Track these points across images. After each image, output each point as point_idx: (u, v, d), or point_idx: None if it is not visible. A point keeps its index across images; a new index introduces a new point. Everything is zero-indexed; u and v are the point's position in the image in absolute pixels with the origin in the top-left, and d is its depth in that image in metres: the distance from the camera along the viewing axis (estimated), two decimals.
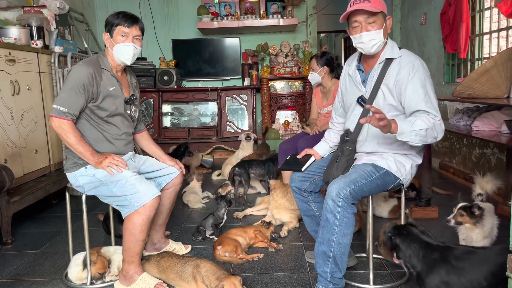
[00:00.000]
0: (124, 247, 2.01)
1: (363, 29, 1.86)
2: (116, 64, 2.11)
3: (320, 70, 3.24)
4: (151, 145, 2.42)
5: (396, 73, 1.87)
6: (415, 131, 1.69)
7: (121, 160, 2.01)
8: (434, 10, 4.46)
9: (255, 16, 5.26)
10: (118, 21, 2.04)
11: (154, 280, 2.04)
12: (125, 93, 2.17)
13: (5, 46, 2.91)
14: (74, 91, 1.94)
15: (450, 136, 4.17)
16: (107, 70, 2.08)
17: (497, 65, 2.69)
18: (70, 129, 1.95)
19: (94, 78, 2.00)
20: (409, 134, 1.69)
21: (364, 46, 1.89)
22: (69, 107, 1.94)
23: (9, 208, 2.66)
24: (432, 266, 1.53)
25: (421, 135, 1.71)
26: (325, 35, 10.87)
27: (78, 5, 5.08)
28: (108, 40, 2.09)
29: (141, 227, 1.95)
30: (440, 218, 2.95)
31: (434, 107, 1.82)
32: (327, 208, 1.80)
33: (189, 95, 5.34)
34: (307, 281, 2.11)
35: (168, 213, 2.43)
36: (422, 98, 1.81)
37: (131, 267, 2.03)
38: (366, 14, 1.84)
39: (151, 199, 1.93)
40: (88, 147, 1.98)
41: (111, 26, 2.06)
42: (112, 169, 1.96)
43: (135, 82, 2.31)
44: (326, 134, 2.27)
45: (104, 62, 2.09)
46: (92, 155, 1.97)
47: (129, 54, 2.07)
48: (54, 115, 1.94)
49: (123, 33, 2.05)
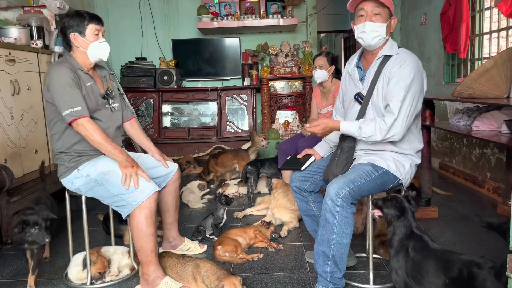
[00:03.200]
0: (137, 248, 1.98)
1: (367, 19, 1.88)
2: (88, 63, 2.10)
3: (330, 68, 3.24)
4: (140, 136, 2.41)
5: (390, 68, 1.89)
6: (359, 135, 1.88)
7: (145, 176, 1.96)
8: (434, 10, 4.46)
9: (255, 16, 5.25)
10: (88, 20, 2.04)
11: (177, 284, 1.98)
12: (101, 89, 2.16)
13: (5, 46, 2.92)
14: (71, 89, 1.94)
15: (450, 136, 4.17)
16: (80, 69, 2.07)
17: (497, 65, 2.69)
18: (93, 126, 1.94)
19: (75, 73, 2.00)
20: (354, 135, 1.91)
21: (365, 36, 1.90)
22: (80, 104, 1.93)
23: (9, 208, 2.66)
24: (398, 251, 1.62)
25: (364, 138, 1.89)
26: (325, 35, 10.87)
27: (78, 5, 5.08)
28: (77, 40, 2.05)
29: (146, 221, 1.92)
30: (440, 218, 2.95)
31: (399, 106, 1.82)
32: (326, 208, 1.80)
33: (189, 95, 5.33)
34: (307, 281, 2.11)
35: (175, 209, 2.42)
36: (395, 93, 1.83)
37: (151, 269, 1.98)
38: (374, 3, 1.86)
39: (148, 197, 1.92)
40: (116, 145, 1.99)
41: (81, 26, 2.04)
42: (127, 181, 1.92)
43: (106, 73, 2.28)
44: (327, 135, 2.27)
45: (73, 63, 2.06)
46: (121, 153, 1.97)
47: (106, 50, 2.09)
48: (73, 118, 1.92)
49: (96, 31, 2.06)
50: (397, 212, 1.65)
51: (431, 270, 1.49)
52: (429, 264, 1.50)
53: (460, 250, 2.42)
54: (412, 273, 1.54)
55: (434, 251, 1.54)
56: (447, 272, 1.44)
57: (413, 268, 1.54)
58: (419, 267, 1.53)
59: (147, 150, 2.39)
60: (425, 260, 1.52)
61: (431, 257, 1.52)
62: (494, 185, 3.41)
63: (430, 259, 1.51)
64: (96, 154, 2.08)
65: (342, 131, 1.91)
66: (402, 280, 1.58)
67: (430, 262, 1.50)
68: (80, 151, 2.05)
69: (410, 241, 1.60)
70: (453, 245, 2.50)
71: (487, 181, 3.51)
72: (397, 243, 1.63)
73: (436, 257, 1.51)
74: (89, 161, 2.05)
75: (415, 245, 1.57)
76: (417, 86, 1.85)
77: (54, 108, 2.00)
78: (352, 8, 1.97)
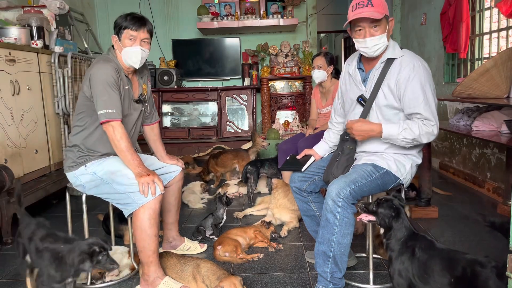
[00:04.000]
0: (138, 248, 1.98)
1: (367, 34, 1.86)
2: (126, 66, 2.09)
3: (329, 68, 3.24)
4: (156, 142, 2.40)
5: (397, 73, 1.88)
6: (401, 139, 1.83)
7: (160, 184, 1.94)
8: (434, 10, 4.46)
9: (255, 16, 5.25)
10: (126, 24, 2.00)
11: (177, 284, 1.98)
12: (135, 94, 2.15)
13: (5, 46, 2.91)
14: (111, 90, 1.93)
15: (450, 136, 4.17)
16: (122, 70, 2.06)
17: (497, 65, 2.69)
18: (123, 132, 1.93)
19: (118, 74, 1.99)
20: (395, 139, 1.84)
21: (368, 50, 1.89)
22: (116, 107, 1.93)
23: (9, 208, 2.66)
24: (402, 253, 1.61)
25: (407, 142, 1.85)
26: (325, 35, 10.87)
27: (78, 5, 5.08)
28: (116, 43, 2.06)
29: (149, 221, 1.92)
30: (440, 218, 2.95)
31: (432, 111, 1.84)
32: (327, 208, 1.80)
33: (189, 95, 5.33)
34: (307, 281, 2.11)
35: (176, 210, 2.42)
36: (421, 101, 1.83)
37: (151, 270, 1.98)
38: (370, 19, 1.83)
39: (154, 197, 1.91)
40: (136, 156, 1.96)
41: (119, 29, 2.02)
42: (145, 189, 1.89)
43: (146, 73, 2.27)
44: (326, 134, 2.27)
45: (117, 62, 2.06)
46: (139, 166, 1.94)
47: (137, 58, 2.03)
48: (106, 119, 1.91)
49: (130, 37, 2.01)
50: (393, 213, 1.63)
51: (437, 269, 1.50)
52: (435, 263, 1.51)
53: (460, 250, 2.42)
54: (419, 272, 1.54)
55: (440, 250, 1.55)
56: (452, 271, 1.46)
57: (420, 268, 1.54)
58: (425, 266, 1.53)
59: (158, 157, 2.36)
60: (432, 259, 1.53)
61: (437, 256, 1.53)
62: (494, 185, 3.41)
63: (436, 258, 1.52)
64: (106, 156, 2.09)
65: (384, 133, 1.85)
66: (406, 281, 1.57)
67: (436, 261, 1.51)
68: (93, 150, 2.06)
69: (415, 241, 1.60)
70: (453, 245, 2.49)
71: (487, 181, 3.51)
72: (400, 245, 1.61)
73: (442, 256, 1.52)
74: (96, 160, 2.06)
75: (421, 245, 1.58)
76: (432, 86, 1.90)
77: (88, 102, 2.00)
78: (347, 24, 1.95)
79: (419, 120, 1.84)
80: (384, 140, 1.88)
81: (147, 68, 2.30)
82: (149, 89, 2.27)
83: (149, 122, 2.36)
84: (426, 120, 1.83)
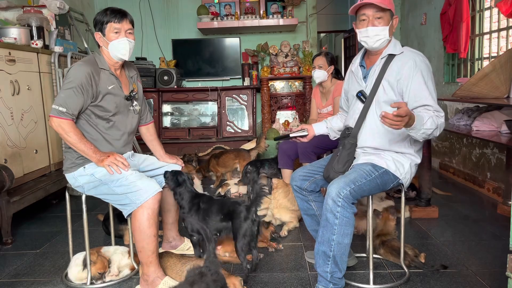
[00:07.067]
0: (138, 249, 1.98)
1: (369, 24, 1.89)
2: (113, 62, 2.10)
3: (329, 68, 3.25)
4: (154, 142, 2.40)
5: (398, 68, 1.90)
6: (424, 129, 1.74)
7: (124, 161, 1.98)
8: (434, 10, 4.46)
9: (255, 16, 5.25)
10: (108, 18, 2.02)
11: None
12: (125, 91, 2.15)
13: (5, 46, 2.91)
14: (72, 91, 1.94)
15: (450, 136, 4.17)
16: (105, 69, 2.07)
17: (495, 69, 2.70)
18: (71, 128, 1.94)
19: (93, 78, 1.99)
20: (418, 131, 1.74)
21: (368, 40, 1.92)
22: (68, 107, 1.93)
23: (9, 208, 2.66)
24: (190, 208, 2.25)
25: (427, 134, 1.77)
26: (325, 35, 10.87)
27: (78, 5, 5.09)
28: (101, 39, 2.07)
29: (148, 221, 1.92)
30: (440, 218, 2.95)
31: (435, 102, 1.87)
32: (327, 208, 1.80)
33: (189, 95, 5.33)
34: (307, 281, 2.11)
35: (176, 210, 2.42)
36: (428, 94, 1.85)
37: (151, 270, 1.98)
38: (375, 8, 1.87)
39: (153, 196, 1.92)
40: (90, 145, 1.98)
41: (101, 24, 2.03)
42: (112, 169, 1.95)
43: (135, 74, 2.29)
44: (330, 117, 2.31)
45: (101, 61, 2.07)
46: (95, 153, 1.97)
47: (125, 49, 2.05)
48: (54, 115, 1.94)
49: (115, 30, 2.03)
50: (177, 184, 2.20)
51: (213, 212, 2.20)
52: (212, 209, 2.20)
53: (460, 250, 2.43)
54: (203, 217, 2.19)
55: (215, 200, 2.29)
56: (222, 211, 2.19)
57: (204, 214, 2.20)
58: (207, 212, 2.20)
59: (157, 157, 2.36)
60: (210, 207, 2.21)
61: (213, 204, 2.23)
62: (494, 185, 3.41)
63: (213, 205, 2.22)
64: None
65: (416, 121, 1.69)
66: (195, 227, 2.20)
67: (213, 208, 2.21)
68: None
69: (198, 198, 2.25)
70: (453, 245, 2.49)
71: (487, 181, 3.51)
72: (187, 204, 2.22)
73: (216, 203, 2.24)
74: None
75: (203, 199, 2.24)
76: (433, 82, 1.91)
77: None
78: (353, 12, 1.97)
79: (431, 112, 1.82)
80: (410, 130, 1.72)
81: (135, 69, 2.32)
82: (140, 90, 2.28)
83: (143, 123, 2.38)
84: (437, 111, 1.83)
